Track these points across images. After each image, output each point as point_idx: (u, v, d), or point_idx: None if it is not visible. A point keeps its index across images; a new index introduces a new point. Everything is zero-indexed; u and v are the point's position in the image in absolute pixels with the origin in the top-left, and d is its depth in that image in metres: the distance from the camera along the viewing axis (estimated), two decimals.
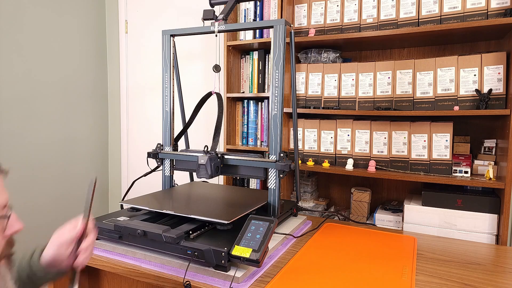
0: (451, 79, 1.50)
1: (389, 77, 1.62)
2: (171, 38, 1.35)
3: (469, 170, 1.48)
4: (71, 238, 0.74)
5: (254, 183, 2.02)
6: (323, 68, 1.76)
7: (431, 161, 1.53)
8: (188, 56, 2.33)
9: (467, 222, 1.42)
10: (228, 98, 1.96)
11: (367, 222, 1.68)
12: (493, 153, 1.53)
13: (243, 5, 1.97)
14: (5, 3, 2.03)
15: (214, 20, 1.26)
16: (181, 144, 1.44)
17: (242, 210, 1.10)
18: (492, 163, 1.46)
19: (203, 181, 1.53)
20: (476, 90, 1.45)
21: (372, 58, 1.84)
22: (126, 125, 2.65)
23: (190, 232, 0.98)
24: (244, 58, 2.04)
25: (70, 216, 2.46)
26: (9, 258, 0.60)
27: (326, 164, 1.71)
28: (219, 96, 1.31)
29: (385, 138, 1.63)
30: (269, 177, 1.15)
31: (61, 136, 2.37)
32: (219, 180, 2.19)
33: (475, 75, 1.47)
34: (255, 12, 1.95)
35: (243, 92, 2.04)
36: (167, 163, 1.35)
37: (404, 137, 1.59)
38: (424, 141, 1.55)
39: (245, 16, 1.98)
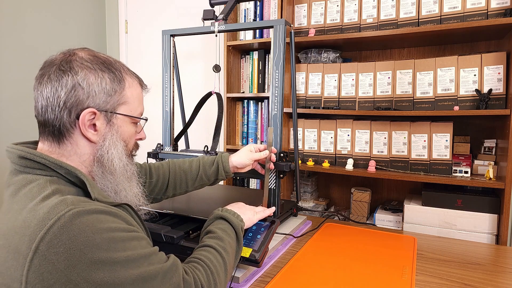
0: (451, 79, 1.50)
1: (389, 77, 1.62)
2: (171, 38, 1.35)
3: (469, 170, 1.48)
4: (259, 158, 1.06)
5: (254, 183, 2.02)
6: (323, 68, 1.76)
7: (431, 161, 1.53)
8: (188, 56, 2.33)
9: (467, 222, 1.42)
10: (228, 98, 1.96)
11: (367, 222, 1.68)
12: (493, 153, 1.53)
13: (243, 5, 1.97)
14: (6, 3, 2.04)
15: (214, 20, 1.26)
16: (181, 144, 1.44)
17: None
18: (492, 163, 1.46)
19: None
20: (476, 90, 1.45)
21: (372, 58, 1.84)
22: None
23: (190, 232, 0.98)
24: (244, 58, 2.04)
25: None
26: (132, 157, 0.77)
27: (326, 164, 1.71)
28: (219, 96, 1.31)
29: (385, 138, 1.63)
30: (269, 177, 1.15)
31: None
32: None
33: (475, 75, 1.47)
34: (255, 12, 1.95)
35: (243, 92, 2.04)
36: None
37: (404, 137, 1.59)
38: (424, 141, 1.55)
39: (245, 16, 1.98)
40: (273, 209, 1.02)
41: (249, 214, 0.92)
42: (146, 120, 0.77)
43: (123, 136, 0.71)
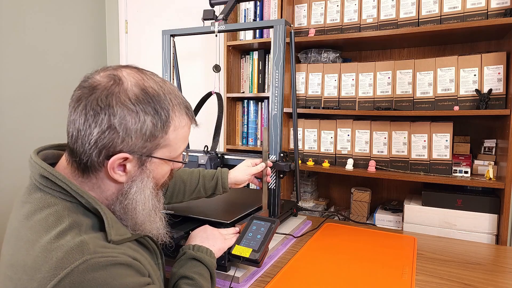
0: (451, 79, 1.50)
1: (389, 77, 1.62)
2: (171, 38, 1.35)
3: (469, 170, 1.48)
4: (256, 172, 1.07)
5: None
6: (323, 68, 1.76)
7: (431, 161, 1.53)
8: (188, 56, 2.33)
9: (467, 222, 1.42)
10: (228, 98, 1.96)
11: (367, 222, 1.68)
12: (493, 153, 1.53)
13: (243, 5, 1.97)
14: (6, 3, 2.03)
15: (214, 20, 1.26)
16: None
17: (242, 210, 1.10)
18: (492, 163, 1.46)
19: None
20: (476, 90, 1.45)
21: (372, 58, 1.84)
22: None
23: (190, 232, 0.98)
24: (244, 58, 2.04)
25: None
26: (162, 190, 0.72)
27: (326, 164, 1.71)
28: (219, 96, 1.31)
29: (385, 138, 1.63)
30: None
31: (63, 137, 2.37)
32: None
33: (475, 75, 1.47)
34: (255, 12, 1.95)
35: (243, 92, 2.04)
36: None
37: (404, 137, 1.59)
38: (424, 141, 1.55)
39: (245, 16, 1.98)
40: (237, 235, 0.94)
41: (219, 244, 0.85)
42: (185, 163, 0.71)
43: (156, 178, 0.66)
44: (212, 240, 0.85)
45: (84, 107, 0.57)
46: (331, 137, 1.74)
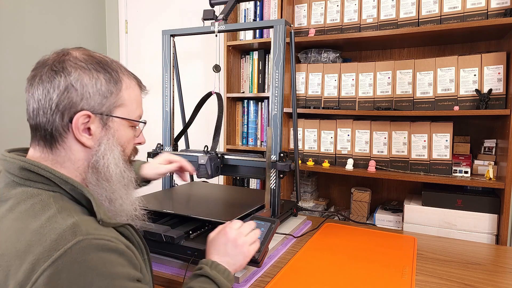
0: (451, 79, 1.50)
1: (389, 77, 1.62)
2: (171, 38, 1.35)
3: (469, 170, 1.48)
4: (166, 172, 1.10)
5: (254, 183, 2.02)
6: (323, 68, 1.76)
7: (431, 161, 1.53)
8: (188, 56, 2.33)
9: (467, 222, 1.42)
10: (228, 98, 1.96)
11: (367, 222, 1.68)
12: (493, 153, 1.53)
13: (243, 5, 1.97)
14: (5, 4, 2.03)
15: (214, 20, 1.26)
16: (181, 144, 1.44)
17: (242, 210, 1.10)
18: (492, 163, 1.46)
19: (203, 181, 1.53)
20: (476, 90, 1.45)
21: (372, 58, 1.84)
22: None
23: (190, 232, 0.98)
24: (244, 58, 2.04)
25: None
26: (131, 162, 0.74)
27: (326, 164, 1.71)
28: (219, 96, 1.31)
29: (385, 138, 1.63)
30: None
31: None
32: (219, 180, 2.19)
33: (475, 75, 1.47)
34: (255, 12, 1.95)
35: (243, 92, 2.04)
36: None
37: (404, 137, 1.59)
38: (424, 141, 1.55)
39: (245, 16, 1.98)
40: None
41: (241, 261, 0.79)
42: (145, 123, 0.73)
43: (120, 141, 0.67)
44: (233, 255, 0.79)
45: (40, 78, 0.61)
46: (331, 137, 1.74)
